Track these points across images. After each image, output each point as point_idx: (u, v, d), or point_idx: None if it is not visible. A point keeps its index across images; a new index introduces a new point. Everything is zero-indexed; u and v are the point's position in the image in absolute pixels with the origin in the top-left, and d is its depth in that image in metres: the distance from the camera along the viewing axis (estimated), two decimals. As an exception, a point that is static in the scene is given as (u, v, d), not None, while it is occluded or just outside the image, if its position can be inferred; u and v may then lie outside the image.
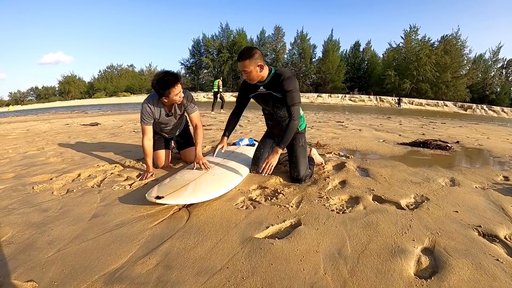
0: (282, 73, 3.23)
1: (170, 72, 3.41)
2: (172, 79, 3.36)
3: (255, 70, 3.15)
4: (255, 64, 3.12)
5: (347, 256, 1.88)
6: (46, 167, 4.14)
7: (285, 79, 3.17)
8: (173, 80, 3.37)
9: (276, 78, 3.24)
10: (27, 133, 8.45)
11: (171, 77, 3.37)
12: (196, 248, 1.99)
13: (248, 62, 3.09)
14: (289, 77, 3.20)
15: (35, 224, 2.38)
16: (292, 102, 3.18)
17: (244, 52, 3.13)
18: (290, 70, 3.38)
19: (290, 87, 3.17)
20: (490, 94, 63.64)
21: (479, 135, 8.89)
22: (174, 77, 3.38)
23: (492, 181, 3.60)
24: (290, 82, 3.18)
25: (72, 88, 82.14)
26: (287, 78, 3.18)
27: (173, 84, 3.38)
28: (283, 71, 3.26)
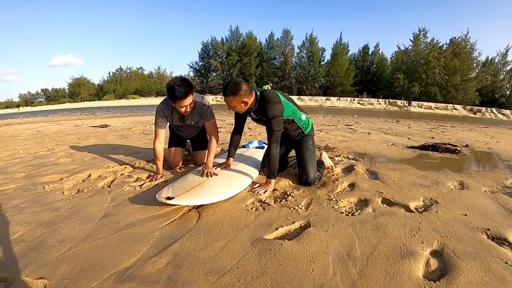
0: (266, 99, 3.19)
1: (183, 84, 3.30)
2: (181, 93, 3.28)
3: (240, 105, 3.15)
4: (238, 101, 3.11)
5: (356, 257, 1.89)
6: (57, 168, 4.18)
7: (267, 107, 3.15)
8: (181, 95, 3.28)
9: (261, 103, 3.22)
10: (37, 134, 8.54)
11: (182, 89, 3.27)
12: (206, 248, 2.01)
13: (232, 98, 3.09)
14: (271, 103, 3.16)
15: (46, 223, 2.41)
16: (272, 131, 3.17)
17: (228, 88, 3.09)
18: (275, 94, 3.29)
19: (270, 115, 3.14)
20: (500, 97, 63.06)
21: (488, 138, 8.84)
22: (184, 91, 3.29)
23: (501, 184, 3.58)
24: (272, 109, 3.15)
25: (81, 90, 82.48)
26: (268, 105, 3.15)
27: (180, 98, 3.31)
28: (267, 96, 3.21)
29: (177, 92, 3.25)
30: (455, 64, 56.21)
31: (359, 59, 72.21)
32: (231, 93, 3.06)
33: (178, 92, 3.25)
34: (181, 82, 3.30)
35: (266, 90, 3.35)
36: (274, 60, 71.93)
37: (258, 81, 69.39)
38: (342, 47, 67.00)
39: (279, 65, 71.66)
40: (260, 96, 3.24)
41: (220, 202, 2.79)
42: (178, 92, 3.25)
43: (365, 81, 70.87)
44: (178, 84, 3.27)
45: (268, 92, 3.27)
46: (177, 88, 3.25)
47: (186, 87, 3.30)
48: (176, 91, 3.24)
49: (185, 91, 3.29)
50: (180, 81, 3.30)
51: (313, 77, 68.91)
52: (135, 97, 69.58)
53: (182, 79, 3.35)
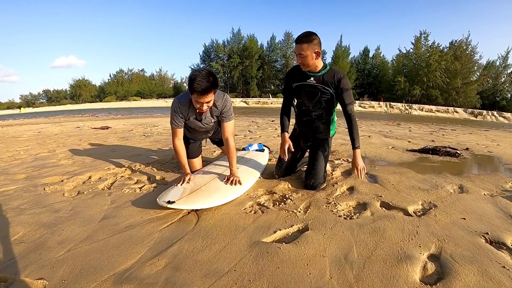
0: (338, 72, 3.24)
1: (207, 78, 2.94)
2: (200, 88, 2.91)
3: (311, 55, 3.09)
4: (312, 50, 3.06)
5: (353, 261, 1.89)
6: (57, 169, 4.19)
7: (342, 78, 3.20)
8: (200, 90, 2.92)
9: (331, 74, 3.23)
10: (39, 135, 8.57)
11: (203, 84, 2.91)
12: (204, 250, 2.02)
13: (306, 46, 3.03)
14: (345, 77, 3.24)
15: (46, 224, 2.42)
16: (350, 101, 3.29)
17: (303, 35, 3.05)
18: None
19: (347, 86, 3.23)
20: (501, 100, 62.95)
21: (489, 141, 8.82)
22: (204, 86, 2.92)
23: (501, 188, 3.58)
24: (347, 81, 3.24)
25: (83, 92, 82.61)
26: (344, 77, 3.21)
27: (199, 93, 2.95)
28: (339, 70, 3.27)
29: (196, 85, 2.90)
30: (456, 67, 56.25)
31: (360, 62, 72.23)
32: (306, 40, 3.03)
33: (198, 85, 2.90)
34: (206, 75, 2.95)
35: (334, 66, 3.45)
36: (275, 63, 72.01)
37: (260, 84, 69.57)
38: (343, 50, 66.99)
39: (281, 67, 71.68)
40: (330, 67, 3.28)
41: (219, 205, 2.80)
42: (198, 85, 2.90)
43: (366, 84, 70.91)
44: (201, 76, 2.93)
45: (336, 68, 3.35)
46: (198, 80, 2.90)
47: (208, 83, 2.95)
48: (195, 83, 2.90)
49: (206, 87, 2.94)
50: (205, 74, 2.96)
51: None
52: (136, 99, 69.68)
53: (208, 73, 3.00)
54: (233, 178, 3.16)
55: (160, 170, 4.12)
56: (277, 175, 3.72)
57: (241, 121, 14.90)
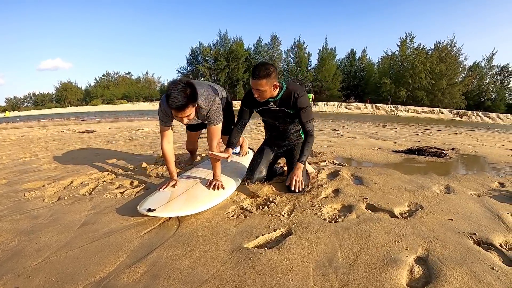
0: (295, 91, 3.15)
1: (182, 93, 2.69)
2: (174, 105, 2.69)
3: (270, 89, 3.02)
4: (270, 84, 2.97)
5: (338, 266, 1.85)
6: (39, 174, 4.11)
7: (299, 97, 3.13)
8: (174, 107, 2.71)
9: (288, 95, 3.16)
10: (22, 140, 8.43)
11: (178, 100, 2.67)
12: (184, 257, 1.97)
13: (265, 82, 2.91)
14: (303, 94, 3.16)
15: (24, 231, 2.36)
16: (308, 119, 3.21)
17: (261, 70, 2.89)
18: (300, 85, 3.29)
19: (305, 104, 3.16)
20: (486, 101, 63.99)
21: (474, 141, 8.90)
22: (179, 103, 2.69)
23: (487, 187, 3.58)
24: (305, 99, 3.16)
25: (69, 95, 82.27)
26: (300, 96, 3.14)
27: (174, 109, 2.75)
28: (295, 88, 3.18)
29: (171, 102, 2.68)
30: (441, 69, 57.20)
31: (346, 64, 73.12)
32: (265, 75, 2.89)
33: (172, 102, 2.68)
34: (182, 90, 2.68)
35: (290, 81, 3.34)
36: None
37: (246, 86, 69.83)
38: (329, 52, 67.68)
39: (267, 70, 72.07)
40: (287, 87, 3.18)
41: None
42: (172, 102, 2.68)
43: (352, 86, 71.84)
44: (177, 92, 2.67)
45: (294, 84, 3.24)
46: (173, 97, 2.67)
47: (185, 99, 2.70)
48: (170, 100, 2.67)
49: (182, 104, 2.70)
50: (180, 88, 2.68)
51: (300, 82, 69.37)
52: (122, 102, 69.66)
53: (184, 86, 2.71)
54: (215, 182, 3.10)
55: (143, 175, 4.06)
56: (248, 180, 3.57)
57: (228, 123, 14.80)
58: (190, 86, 2.76)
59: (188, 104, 2.75)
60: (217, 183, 3.09)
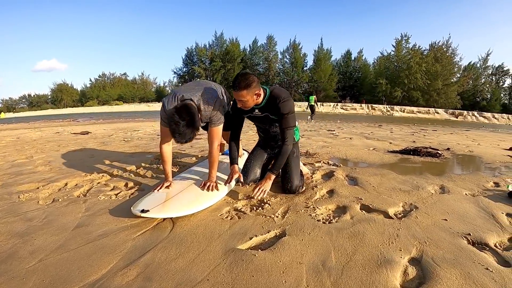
0: (278, 96, 3.05)
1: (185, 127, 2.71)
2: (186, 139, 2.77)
3: (252, 99, 2.96)
4: (252, 93, 2.91)
5: (331, 267, 1.85)
6: (34, 176, 4.10)
7: (281, 102, 3.02)
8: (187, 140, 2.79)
9: (272, 100, 3.08)
10: (17, 141, 8.41)
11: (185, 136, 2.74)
12: (177, 259, 1.96)
13: (246, 92, 2.87)
14: (285, 99, 3.05)
15: (18, 234, 2.35)
16: (287, 126, 3.08)
17: (241, 81, 2.84)
18: (284, 90, 3.17)
19: (286, 110, 3.05)
20: (481, 101, 64.28)
21: (470, 141, 8.93)
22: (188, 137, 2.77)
23: (482, 187, 3.59)
24: (287, 105, 3.05)
25: (64, 96, 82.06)
26: (283, 101, 3.03)
27: (188, 142, 2.85)
28: (279, 93, 3.08)
29: (179, 141, 2.78)
30: (437, 69, 57.42)
31: (342, 65, 73.25)
32: (245, 86, 2.84)
33: (180, 140, 2.77)
34: (181, 123, 2.69)
35: (275, 86, 3.25)
36: (257, 66, 72.53)
37: (242, 87, 69.86)
38: (325, 53, 67.80)
39: (263, 71, 72.28)
40: (270, 93, 3.11)
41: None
42: (180, 140, 2.77)
43: (348, 87, 72.01)
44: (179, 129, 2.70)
45: (279, 89, 3.16)
46: (177, 136, 2.74)
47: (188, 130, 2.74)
48: (176, 138, 2.77)
49: (189, 138, 2.80)
50: (179, 121, 2.69)
51: (296, 83, 69.79)
52: (118, 103, 69.52)
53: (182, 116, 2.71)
54: (210, 183, 3.07)
55: (138, 176, 4.05)
56: (241, 183, 3.53)
57: (223, 124, 14.82)
58: (187, 114, 2.73)
59: (193, 132, 2.80)
60: (211, 184, 3.07)
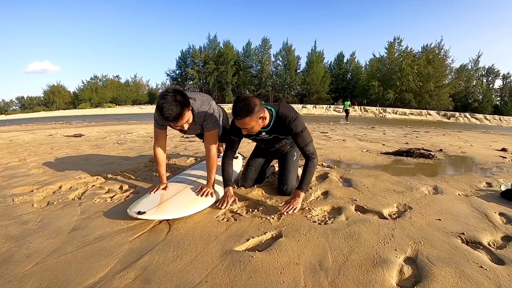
0: (286, 116, 2.88)
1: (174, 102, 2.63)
2: (171, 116, 2.66)
3: (257, 124, 2.76)
4: (256, 118, 2.69)
5: (328, 267, 1.86)
6: (27, 179, 4.07)
7: (292, 122, 2.87)
8: (172, 118, 2.67)
9: (280, 122, 2.91)
10: (10, 144, 8.35)
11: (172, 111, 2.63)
12: (175, 261, 1.96)
13: (249, 119, 2.64)
14: (295, 118, 2.89)
15: (14, 237, 2.33)
16: (306, 142, 2.94)
17: (242, 109, 2.60)
18: (290, 107, 3.03)
19: (299, 128, 2.90)
20: (473, 102, 64.82)
21: (462, 142, 9.00)
22: (175, 113, 2.65)
23: (475, 187, 3.64)
24: (298, 123, 2.90)
25: (57, 98, 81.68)
26: (293, 120, 2.87)
27: (172, 120, 2.73)
28: (286, 113, 2.90)
29: (167, 114, 2.64)
30: (429, 71, 57.89)
31: (335, 67, 73.57)
32: (247, 113, 2.60)
33: (168, 114, 2.64)
34: (172, 99, 2.62)
35: (280, 104, 3.04)
36: (250, 69, 72.84)
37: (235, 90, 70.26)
38: (317, 55, 68.05)
39: (256, 73, 72.51)
40: (277, 113, 2.91)
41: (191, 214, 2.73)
42: (168, 114, 2.64)
43: (340, 89, 72.34)
44: (168, 102, 2.61)
45: (284, 107, 2.98)
46: (167, 109, 2.62)
47: (178, 107, 2.65)
48: (164, 113, 2.63)
49: (178, 113, 2.67)
50: (171, 99, 2.62)
51: (289, 85, 70.08)
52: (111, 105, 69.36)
53: (174, 95, 2.65)
54: (207, 189, 3.03)
55: (133, 179, 4.04)
56: (242, 187, 3.58)
57: (217, 126, 14.83)
58: (179, 92, 2.71)
59: (183, 110, 2.70)
60: (207, 190, 3.01)
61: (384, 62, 63.56)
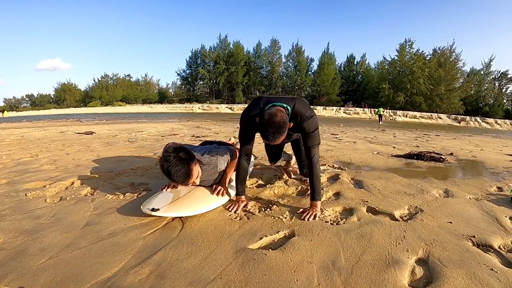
0: (300, 114, 2.79)
1: (180, 162, 2.57)
2: (181, 178, 2.60)
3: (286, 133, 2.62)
4: (286, 130, 2.59)
5: (341, 267, 1.88)
6: (40, 174, 4.11)
7: (305, 121, 2.79)
8: (181, 180, 2.61)
9: (294, 119, 2.79)
10: (22, 140, 8.42)
11: (180, 172, 2.57)
12: (189, 258, 1.98)
13: (282, 137, 2.57)
14: (310, 117, 2.82)
15: (27, 231, 2.35)
16: (312, 144, 2.86)
17: (275, 132, 2.50)
18: (306, 104, 2.93)
19: (311, 129, 2.83)
20: (484, 106, 64.24)
21: (472, 146, 8.94)
22: (183, 174, 2.58)
23: (486, 192, 3.62)
24: (311, 123, 2.83)
25: (67, 96, 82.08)
26: (307, 119, 2.80)
27: (183, 182, 2.66)
28: (301, 111, 2.80)
29: (176, 178, 2.59)
30: (440, 74, 57.38)
31: (346, 69, 73.23)
32: (281, 133, 2.53)
33: (177, 177, 2.58)
34: (176, 158, 2.57)
35: (296, 101, 2.86)
36: (261, 69, 72.66)
37: (245, 90, 70.06)
38: (329, 57, 67.89)
39: (266, 74, 72.36)
40: (292, 110, 2.78)
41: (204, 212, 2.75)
42: (177, 177, 2.58)
43: (350, 91, 71.97)
44: (174, 164, 2.55)
45: (300, 104, 2.85)
46: (174, 172, 2.55)
47: (185, 167, 2.60)
48: (173, 177, 2.58)
49: (186, 173, 2.61)
50: (174, 158, 2.57)
51: (299, 87, 69.84)
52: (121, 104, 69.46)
53: (176, 152, 2.61)
54: (219, 188, 3.03)
55: (144, 176, 4.07)
56: (271, 163, 4.34)
57: (226, 127, 14.96)
58: (180, 149, 2.67)
59: (190, 167, 2.64)
60: (221, 189, 3.02)
61: (394, 65, 63.24)
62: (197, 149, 3.16)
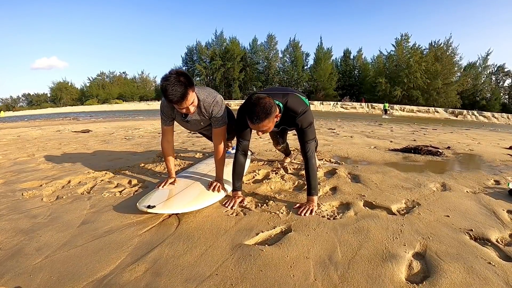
0: (294, 109, 2.81)
1: (178, 83, 2.56)
2: (175, 97, 2.57)
3: (273, 123, 2.66)
4: (273, 119, 2.60)
5: (338, 262, 1.87)
6: (36, 174, 4.10)
7: (300, 116, 2.82)
8: (176, 99, 2.59)
9: (288, 114, 2.84)
10: (18, 139, 8.40)
11: (177, 91, 2.55)
12: (185, 255, 1.98)
13: (267, 122, 2.54)
14: (304, 112, 2.84)
15: (23, 231, 2.35)
16: (309, 138, 2.87)
17: (259, 112, 2.49)
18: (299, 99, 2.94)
19: (306, 124, 2.85)
20: (481, 100, 64.27)
21: (470, 140, 8.94)
22: (179, 93, 2.57)
23: (483, 185, 3.61)
24: (306, 117, 2.85)
25: (64, 95, 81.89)
26: (301, 114, 2.82)
27: (176, 102, 2.64)
28: (295, 106, 2.82)
29: (171, 96, 2.56)
30: (437, 68, 57.40)
31: (342, 64, 73.11)
32: (265, 116, 2.50)
33: (172, 95, 2.56)
34: (176, 80, 2.55)
35: (288, 96, 2.87)
36: (257, 65, 72.58)
37: (242, 86, 69.98)
38: (325, 52, 67.71)
39: (263, 69, 72.27)
40: (285, 106, 2.81)
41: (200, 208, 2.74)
42: (172, 95, 2.56)
43: (347, 86, 71.89)
44: (172, 83, 2.54)
45: (293, 100, 2.86)
46: (171, 90, 2.54)
47: (181, 87, 2.58)
48: (168, 94, 2.56)
49: (182, 94, 2.59)
50: (174, 79, 2.55)
51: (296, 82, 69.72)
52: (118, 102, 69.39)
53: (176, 76, 2.57)
54: (216, 184, 3.06)
55: (141, 174, 4.06)
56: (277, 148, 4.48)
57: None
58: (182, 74, 2.65)
59: (187, 90, 2.63)
60: (217, 185, 3.05)
61: (391, 59, 63.21)
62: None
